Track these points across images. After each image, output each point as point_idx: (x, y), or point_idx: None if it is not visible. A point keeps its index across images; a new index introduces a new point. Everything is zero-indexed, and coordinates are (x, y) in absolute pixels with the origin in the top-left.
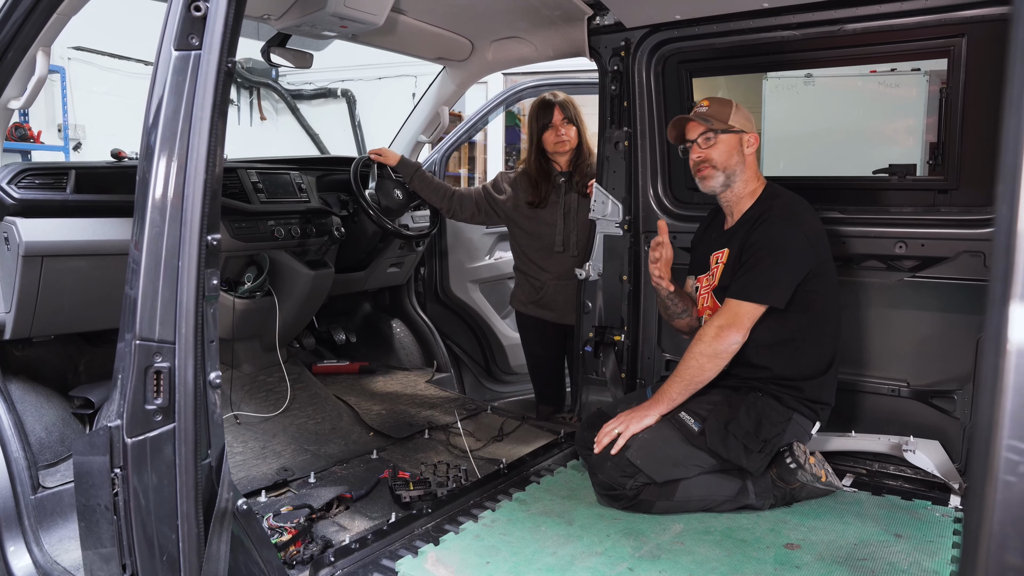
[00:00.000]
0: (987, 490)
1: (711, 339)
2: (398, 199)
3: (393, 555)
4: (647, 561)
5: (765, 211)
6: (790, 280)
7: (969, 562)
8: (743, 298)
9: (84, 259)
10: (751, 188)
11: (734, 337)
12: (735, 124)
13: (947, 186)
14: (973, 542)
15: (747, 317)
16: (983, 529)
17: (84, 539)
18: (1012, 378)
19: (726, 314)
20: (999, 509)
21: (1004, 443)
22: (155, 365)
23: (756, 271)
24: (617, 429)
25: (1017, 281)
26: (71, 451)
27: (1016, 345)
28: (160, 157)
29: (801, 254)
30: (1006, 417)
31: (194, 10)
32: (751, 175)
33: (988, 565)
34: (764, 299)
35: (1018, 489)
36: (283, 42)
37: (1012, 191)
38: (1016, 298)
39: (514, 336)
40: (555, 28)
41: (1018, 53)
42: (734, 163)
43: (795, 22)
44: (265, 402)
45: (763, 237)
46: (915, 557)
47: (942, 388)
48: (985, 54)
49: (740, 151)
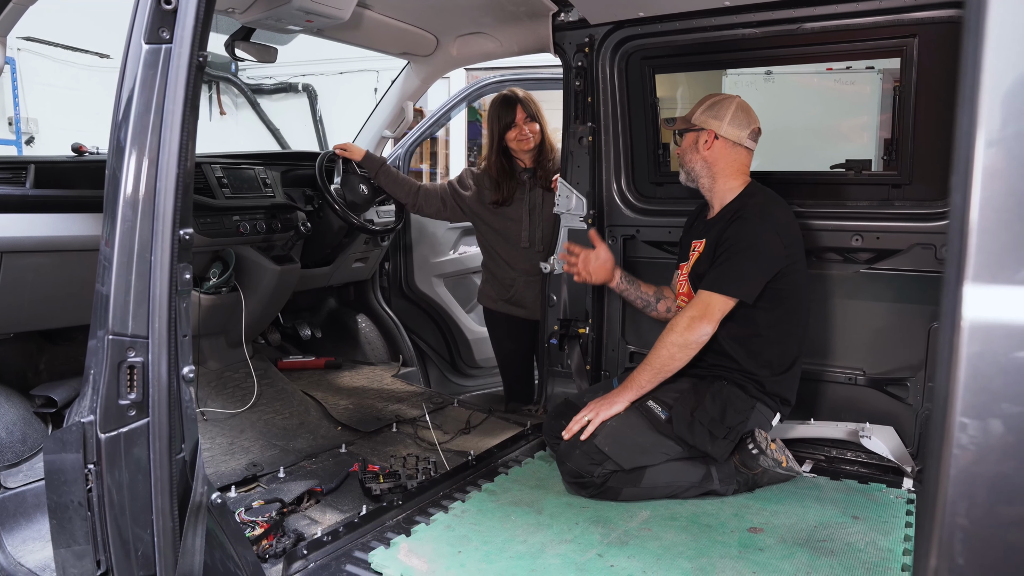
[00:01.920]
0: (943, 456)
1: (683, 330)
2: (363, 194)
3: (365, 547)
4: (616, 547)
5: (741, 208)
6: (760, 276)
7: (926, 528)
8: (714, 290)
9: (45, 255)
10: (727, 184)
11: (705, 328)
12: (697, 121)
13: (900, 181)
14: (930, 509)
15: (718, 309)
16: (939, 495)
17: (56, 537)
18: (965, 351)
19: (698, 305)
20: (953, 477)
21: (958, 412)
22: (128, 360)
23: (727, 266)
24: (587, 416)
25: (969, 265)
26: (34, 450)
27: (969, 321)
28: (131, 152)
29: (772, 251)
30: (960, 386)
31: (164, 3)
32: (719, 171)
33: (943, 530)
34: (734, 292)
35: (969, 455)
36: (247, 36)
37: (965, 183)
38: (968, 280)
39: (479, 330)
40: (520, 24)
41: (969, 57)
42: (689, 160)
43: (755, 20)
44: (232, 398)
45: (736, 233)
46: (871, 537)
47: (896, 376)
48: (935, 54)
49: (695, 148)
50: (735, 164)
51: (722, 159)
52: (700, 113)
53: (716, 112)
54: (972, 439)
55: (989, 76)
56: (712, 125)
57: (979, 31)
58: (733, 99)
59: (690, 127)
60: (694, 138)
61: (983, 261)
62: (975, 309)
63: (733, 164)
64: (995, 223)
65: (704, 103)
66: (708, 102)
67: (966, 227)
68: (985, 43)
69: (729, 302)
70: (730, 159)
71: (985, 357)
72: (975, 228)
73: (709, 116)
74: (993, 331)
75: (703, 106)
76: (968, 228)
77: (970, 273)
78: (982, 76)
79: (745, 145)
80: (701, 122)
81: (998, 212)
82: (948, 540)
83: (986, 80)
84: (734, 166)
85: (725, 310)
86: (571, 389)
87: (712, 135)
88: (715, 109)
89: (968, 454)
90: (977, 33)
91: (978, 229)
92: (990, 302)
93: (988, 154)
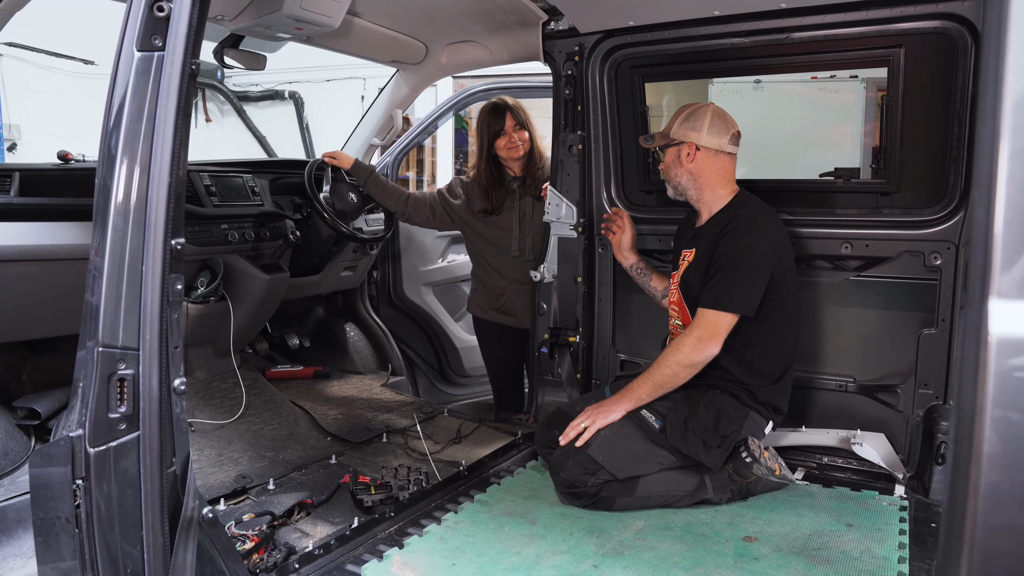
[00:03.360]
0: (971, 473)
1: (689, 350)
2: (352, 202)
3: (358, 560)
4: (611, 558)
5: (731, 219)
6: (759, 287)
7: (954, 546)
8: (718, 308)
9: (30, 264)
10: (715, 193)
11: (712, 349)
12: (675, 136)
13: (889, 189)
14: (958, 526)
15: (723, 328)
16: (967, 512)
17: (41, 554)
18: (993, 367)
19: (704, 325)
20: (983, 494)
21: (987, 427)
22: (119, 372)
23: (726, 282)
24: (584, 423)
25: (994, 279)
26: (16, 464)
27: (996, 336)
28: (122, 160)
29: (767, 260)
30: (988, 402)
31: (157, 10)
32: (705, 182)
33: (972, 548)
34: (737, 308)
35: (998, 472)
36: (236, 43)
37: (988, 196)
38: (994, 295)
39: (468, 339)
40: (510, 32)
41: (990, 70)
42: (674, 174)
43: (744, 30)
44: (220, 408)
45: (729, 248)
46: (866, 545)
47: (886, 383)
48: (921, 64)
49: (678, 161)
50: (720, 172)
51: (707, 169)
52: (678, 127)
53: (693, 123)
54: (1001, 455)
55: (1011, 88)
56: (691, 137)
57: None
58: (707, 107)
59: (669, 142)
60: (676, 152)
61: (1008, 275)
62: (1002, 324)
63: (718, 172)
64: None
65: (679, 116)
66: (683, 114)
67: (990, 241)
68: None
69: (733, 319)
70: (715, 168)
71: (1013, 372)
72: (999, 242)
73: (687, 128)
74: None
75: (679, 119)
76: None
77: (995, 288)
78: (1004, 89)
79: (727, 151)
80: (680, 135)
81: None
82: (978, 557)
83: (1008, 92)
84: (720, 174)
85: (730, 327)
86: (562, 398)
87: (693, 147)
88: (692, 120)
89: (997, 471)
90: (999, 46)
91: (1003, 243)
92: (1017, 317)
93: (1012, 167)
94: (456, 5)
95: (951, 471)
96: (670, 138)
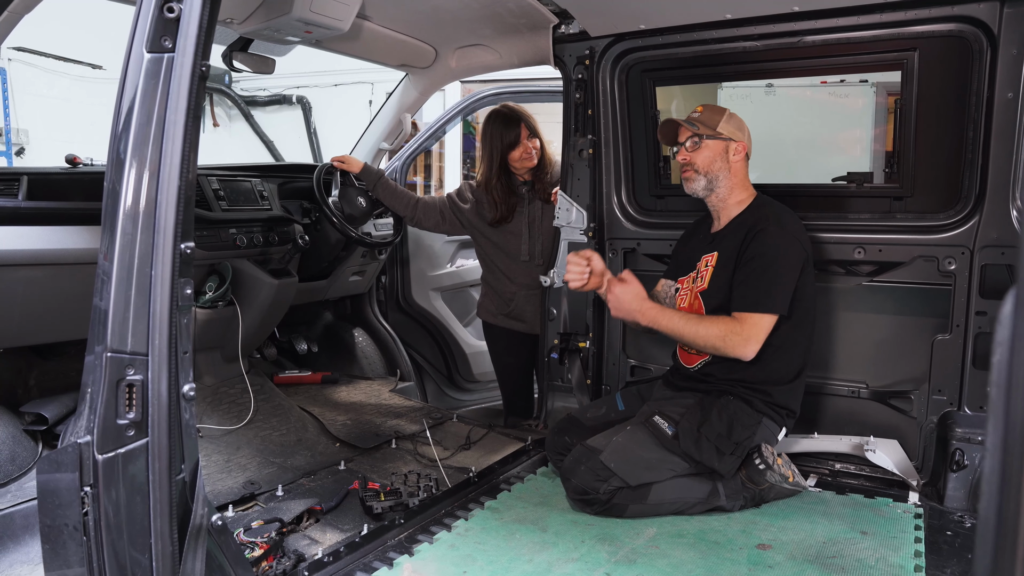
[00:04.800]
0: (1022, 488)
1: (735, 345)
2: (361, 207)
3: (368, 567)
4: (624, 566)
5: (759, 220)
6: (792, 286)
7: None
8: (760, 311)
9: (38, 268)
10: (738, 196)
11: (753, 352)
12: (723, 131)
13: (902, 193)
14: (1010, 535)
15: (766, 330)
16: (1020, 521)
17: (49, 562)
18: None
19: (750, 327)
20: None
21: None
22: (127, 378)
23: (764, 283)
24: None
25: None
26: (24, 469)
27: None
28: (131, 164)
29: (798, 259)
30: None
31: (167, 11)
32: (737, 182)
33: None
34: (779, 309)
35: None
36: (245, 47)
37: None
38: None
39: (476, 344)
40: (520, 36)
41: None
42: (717, 168)
43: (756, 33)
44: (228, 414)
45: (762, 247)
46: (881, 553)
47: (899, 389)
48: (935, 67)
49: (725, 158)
50: (746, 176)
51: (742, 170)
52: (727, 123)
53: (739, 124)
54: None
55: None
56: (738, 137)
57: None
58: (733, 113)
59: (718, 135)
60: (724, 147)
61: None
62: None
63: (747, 177)
64: None
65: (720, 114)
66: (726, 113)
67: None
68: None
69: (773, 319)
70: (745, 172)
71: None
72: None
73: (735, 128)
74: None
75: (722, 117)
76: None
77: None
78: None
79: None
80: (730, 132)
81: None
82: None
83: None
84: (747, 179)
85: (770, 329)
86: (572, 404)
87: (743, 146)
88: (734, 121)
89: None
90: None
91: None
92: None
93: None
94: (466, 9)
95: (997, 484)
96: (717, 132)
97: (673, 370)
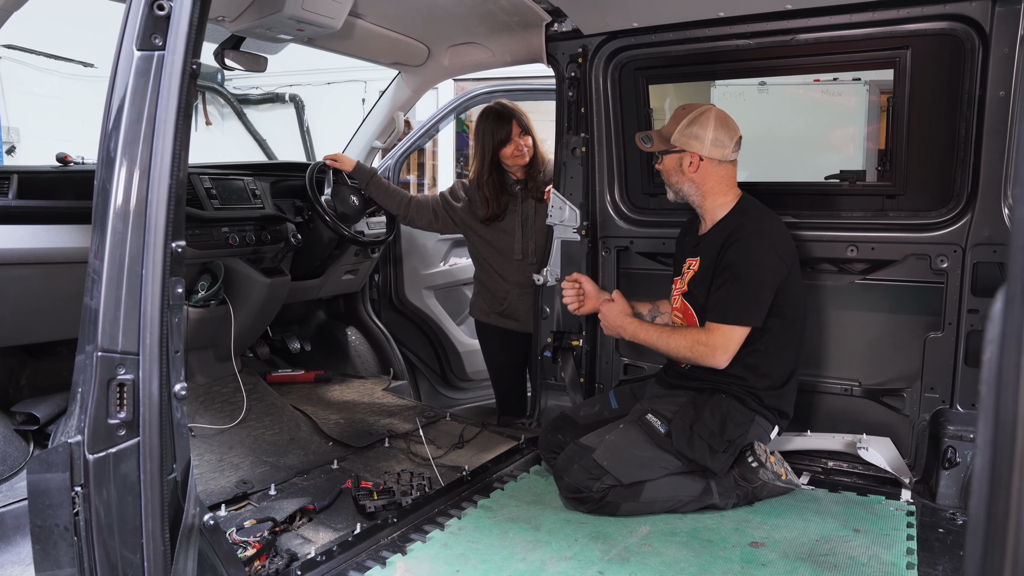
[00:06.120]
0: (1013, 480)
1: (705, 354)
2: (354, 205)
3: (360, 567)
4: (616, 564)
5: (736, 229)
6: (767, 297)
7: (995, 562)
8: (730, 322)
9: (28, 268)
10: (717, 200)
11: (724, 361)
12: (676, 143)
13: (895, 191)
14: (1000, 533)
15: (736, 342)
16: (1009, 520)
17: (39, 563)
18: None
19: (719, 338)
20: None
21: None
22: (118, 377)
23: (736, 294)
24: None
25: None
26: (14, 469)
27: None
28: (122, 162)
29: (775, 271)
30: None
31: (157, 9)
32: (709, 189)
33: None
34: (747, 321)
35: None
36: (237, 45)
37: None
38: None
39: (470, 343)
40: (513, 34)
41: None
42: (675, 181)
43: (749, 31)
44: (220, 413)
45: (736, 258)
46: (874, 551)
47: (892, 387)
48: (928, 65)
49: (680, 170)
50: (724, 180)
51: (710, 178)
52: (679, 133)
53: (696, 131)
54: None
55: None
56: (694, 147)
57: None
58: (710, 111)
59: (670, 148)
60: (677, 160)
61: None
62: None
63: (721, 180)
64: None
65: (681, 120)
66: (686, 119)
67: None
68: None
69: (745, 331)
70: (718, 176)
71: None
72: None
73: (689, 137)
74: None
75: (681, 124)
76: None
77: None
78: None
79: (730, 160)
80: (682, 143)
81: None
82: None
83: None
84: (723, 182)
85: (742, 340)
86: (565, 402)
87: (696, 157)
88: (694, 127)
89: None
90: None
91: None
92: None
93: None
94: (459, 7)
95: (987, 482)
96: (670, 144)
97: (666, 368)
